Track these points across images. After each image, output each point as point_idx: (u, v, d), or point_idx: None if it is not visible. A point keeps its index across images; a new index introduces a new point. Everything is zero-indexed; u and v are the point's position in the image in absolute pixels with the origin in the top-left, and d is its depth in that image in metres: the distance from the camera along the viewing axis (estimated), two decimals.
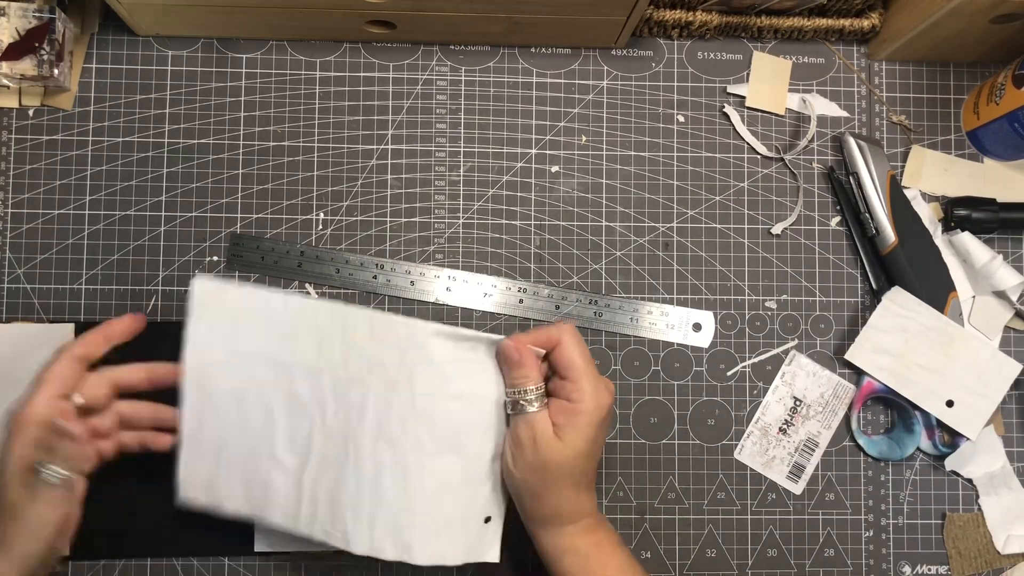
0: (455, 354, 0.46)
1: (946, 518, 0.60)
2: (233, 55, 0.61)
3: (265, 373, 0.47)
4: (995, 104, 0.59)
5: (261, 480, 0.48)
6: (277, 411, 0.47)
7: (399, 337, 0.46)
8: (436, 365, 0.46)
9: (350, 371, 0.46)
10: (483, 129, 0.62)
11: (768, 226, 0.62)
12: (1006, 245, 0.63)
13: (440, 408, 0.46)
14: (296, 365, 0.47)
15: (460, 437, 0.47)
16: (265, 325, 0.47)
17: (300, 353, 0.47)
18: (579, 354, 0.46)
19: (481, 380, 0.46)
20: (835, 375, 0.61)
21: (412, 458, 0.47)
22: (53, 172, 0.59)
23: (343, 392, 0.47)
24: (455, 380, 0.46)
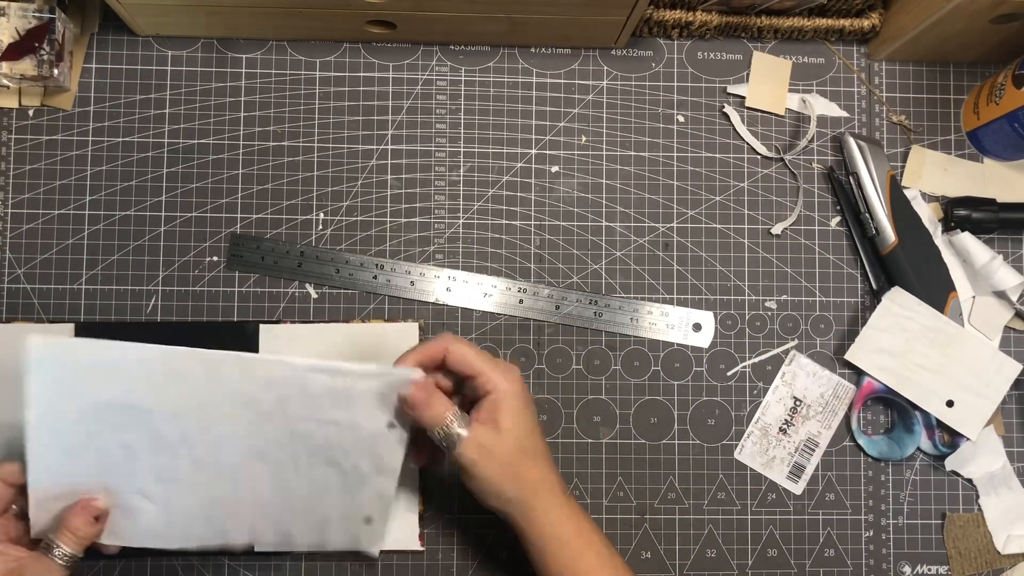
0: (331, 387, 0.47)
1: (946, 518, 0.60)
2: (233, 55, 0.61)
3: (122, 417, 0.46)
4: (995, 104, 0.59)
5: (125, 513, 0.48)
6: (139, 449, 0.47)
7: (273, 376, 0.46)
8: (311, 396, 0.47)
9: (219, 409, 0.47)
10: (483, 129, 0.62)
11: (768, 226, 0.62)
12: (1006, 245, 0.63)
13: (316, 430, 0.48)
14: (156, 409, 0.46)
15: (335, 453, 0.48)
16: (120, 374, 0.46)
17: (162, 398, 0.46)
18: (469, 350, 0.48)
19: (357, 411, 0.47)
20: (835, 375, 0.61)
21: (290, 470, 0.49)
22: (53, 172, 0.59)
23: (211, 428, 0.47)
24: (331, 409, 0.47)
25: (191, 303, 0.59)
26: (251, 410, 0.47)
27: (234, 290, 0.59)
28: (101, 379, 0.46)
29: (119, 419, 0.46)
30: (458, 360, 0.47)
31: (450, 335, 0.48)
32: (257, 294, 0.59)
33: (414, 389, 0.47)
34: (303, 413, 0.47)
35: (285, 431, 0.48)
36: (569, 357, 0.60)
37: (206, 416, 0.47)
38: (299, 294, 0.59)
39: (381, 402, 0.47)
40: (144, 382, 0.46)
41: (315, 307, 0.59)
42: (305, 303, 0.59)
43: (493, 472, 0.47)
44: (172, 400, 0.46)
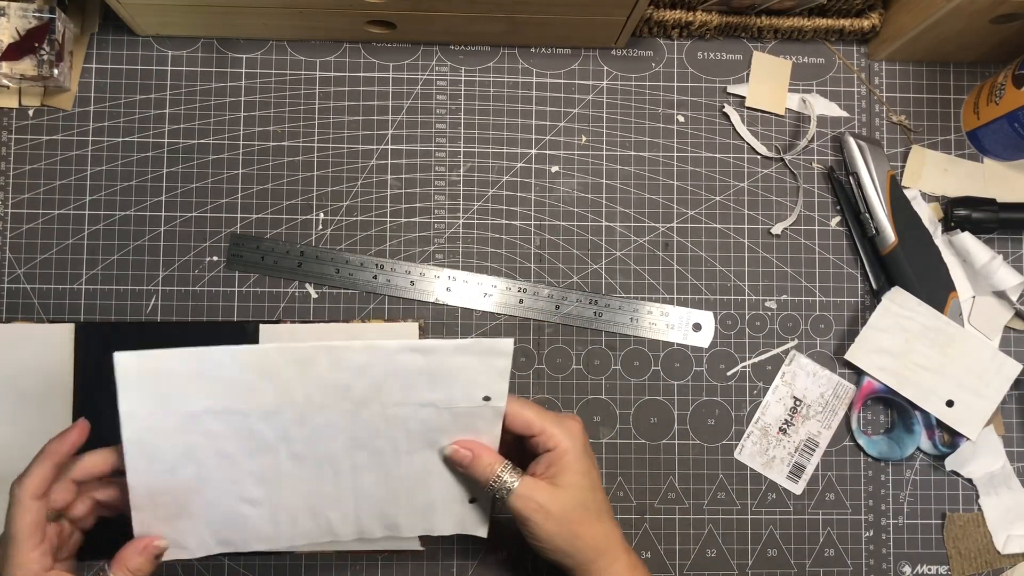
0: (424, 366, 0.46)
1: (946, 518, 0.60)
2: (233, 55, 0.61)
3: (219, 426, 0.45)
4: (995, 104, 0.59)
5: (231, 521, 0.48)
6: (237, 455, 0.46)
7: (363, 361, 0.45)
8: (405, 377, 0.46)
9: (313, 401, 0.46)
10: (483, 129, 0.62)
11: (768, 226, 0.62)
12: (1006, 245, 0.63)
13: (412, 414, 0.47)
14: (250, 410, 0.45)
15: (435, 435, 0.48)
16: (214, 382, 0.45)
17: (256, 399, 0.45)
18: (528, 409, 0.47)
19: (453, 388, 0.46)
20: (835, 375, 0.61)
21: (390, 457, 0.48)
22: (53, 172, 0.59)
23: (308, 419, 0.46)
24: (426, 389, 0.46)
25: (191, 303, 0.59)
26: (345, 399, 0.46)
27: (234, 290, 0.59)
28: (191, 388, 0.44)
29: (214, 426, 0.45)
30: (518, 419, 0.47)
31: (511, 396, 0.47)
32: (257, 294, 0.59)
33: (457, 447, 0.47)
34: (398, 397, 0.46)
35: (382, 417, 0.47)
36: (569, 357, 0.60)
37: (301, 410, 0.46)
38: (299, 294, 0.59)
39: (475, 376, 0.46)
40: (235, 385, 0.45)
41: (315, 307, 0.59)
42: (305, 303, 0.59)
43: (550, 530, 0.46)
44: (266, 398, 0.45)
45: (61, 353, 0.57)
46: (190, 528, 0.47)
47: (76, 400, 0.57)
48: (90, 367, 0.57)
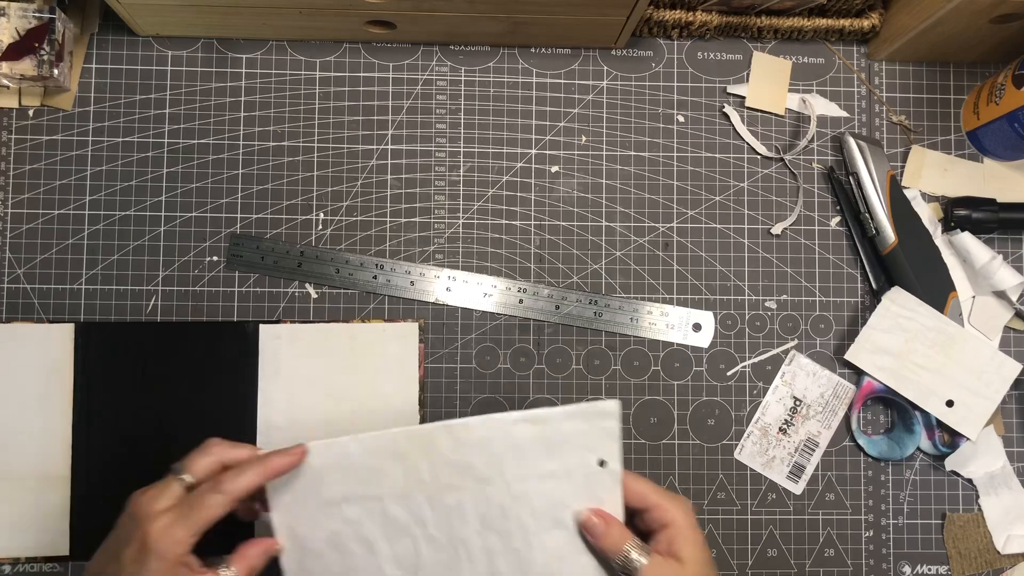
0: (537, 436, 0.47)
1: (946, 518, 0.60)
2: (233, 55, 0.61)
3: (355, 512, 0.48)
4: (995, 104, 0.59)
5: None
6: (377, 540, 0.48)
7: (481, 437, 0.47)
8: (522, 449, 0.47)
9: (441, 481, 0.47)
10: (483, 129, 0.62)
11: (768, 226, 0.62)
12: (1006, 245, 0.63)
13: (535, 489, 0.47)
14: (385, 495, 0.48)
15: (560, 511, 0.48)
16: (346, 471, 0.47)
17: (388, 483, 0.47)
18: (642, 483, 0.47)
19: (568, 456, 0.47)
20: (835, 375, 0.61)
21: (519, 539, 0.48)
22: (53, 172, 0.59)
23: (439, 501, 0.48)
24: (543, 460, 0.47)
25: (191, 303, 0.59)
26: (470, 477, 0.47)
27: (234, 290, 0.59)
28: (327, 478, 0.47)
29: (352, 512, 0.48)
30: (633, 494, 0.47)
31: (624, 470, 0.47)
32: (257, 294, 0.59)
33: (592, 515, 0.47)
34: (518, 471, 0.47)
35: (507, 495, 0.47)
36: (569, 357, 0.60)
37: (430, 491, 0.47)
38: (299, 294, 0.59)
39: (586, 440, 0.47)
40: (365, 470, 0.47)
41: (315, 307, 0.59)
42: (305, 303, 0.59)
43: None
44: (396, 481, 0.47)
45: (61, 353, 0.57)
46: None
47: (76, 400, 0.57)
48: (90, 367, 0.57)
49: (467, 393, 0.60)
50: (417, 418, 0.59)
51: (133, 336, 0.58)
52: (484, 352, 0.60)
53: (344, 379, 0.58)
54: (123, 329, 0.58)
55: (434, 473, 0.47)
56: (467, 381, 0.60)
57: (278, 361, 0.58)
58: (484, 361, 0.60)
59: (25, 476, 0.56)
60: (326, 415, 0.58)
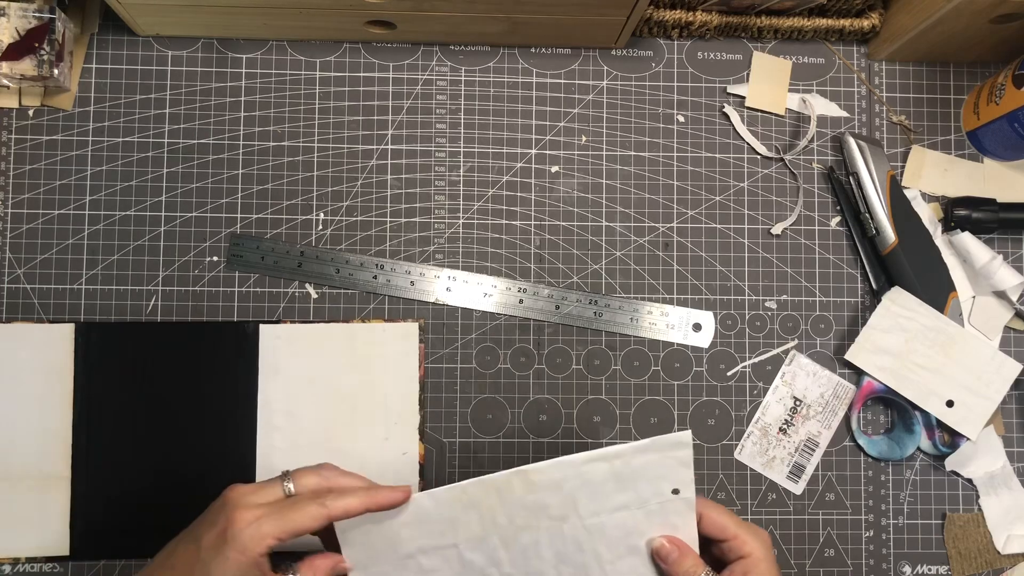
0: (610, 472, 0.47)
1: (946, 518, 0.60)
2: (233, 55, 0.61)
3: (431, 562, 0.48)
4: (995, 104, 0.59)
5: None
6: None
7: (554, 479, 0.47)
8: (595, 486, 0.47)
9: (516, 523, 0.48)
10: (483, 129, 0.62)
11: (768, 226, 0.62)
12: (1006, 245, 0.63)
13: (609, 522, 0.48)
14: (461, 542, 0.48)
15: (634, 539, 0.48)
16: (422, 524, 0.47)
17: (464, 531, 0.48)
18: (723, 514, 0.47)
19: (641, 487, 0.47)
20: (835, 375, 0.61)
21: (595, 569, 0.48)
22: (53, 172, 0.59)
23: (514, 541, 0.48)
24: (616, 494, 0.47)
25: (191, 303, 0.59)
26: (545, 516, 0.47)
27: (234, 290, 0.59)
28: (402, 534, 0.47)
29: (428, 562, 0.48)
30: (713, 524, 0.47)
31: (703, 500, 0.47)
32: (257, 294, 0.59)
33: (665, 542, 0.47)
34: (592, 507, 0.47)
35: (582, 529, 0.48)
36: (569, 357, 0.60)
37: (505, 533, 0.48)
38: (299, 294, 0.59)
39: (659, 471, 0.47)
40: (441, 522, 0.47)
41: (315, 307, 0.59)
42: (305, 303, 0.59)
43: None
44: (472, 529, 0.47)
45: (61, 353, 0.57)
46: None
47: (76, 400, 0.57)
48: (90, 367, 0.57)
49: (467, 393, 0.60)
50: (417, 418, 0.59)
51: (133, 336, 0.58)
52: (484, 352, 0.60)
53: (344, 379, 0.58)
54: (123, 329, 0.58)
55: (509, 516, 0.47)
56: (467, 381, 0.60)
57: (278, 361, 0.58)
58: (484, 361, 0.60)
59: (25, 476, 0.56)
60: (326, 415, 0.58)
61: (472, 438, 0.60)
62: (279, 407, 0.58)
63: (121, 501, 0.57)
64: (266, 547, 0.42)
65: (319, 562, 0.46)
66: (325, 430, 0.58)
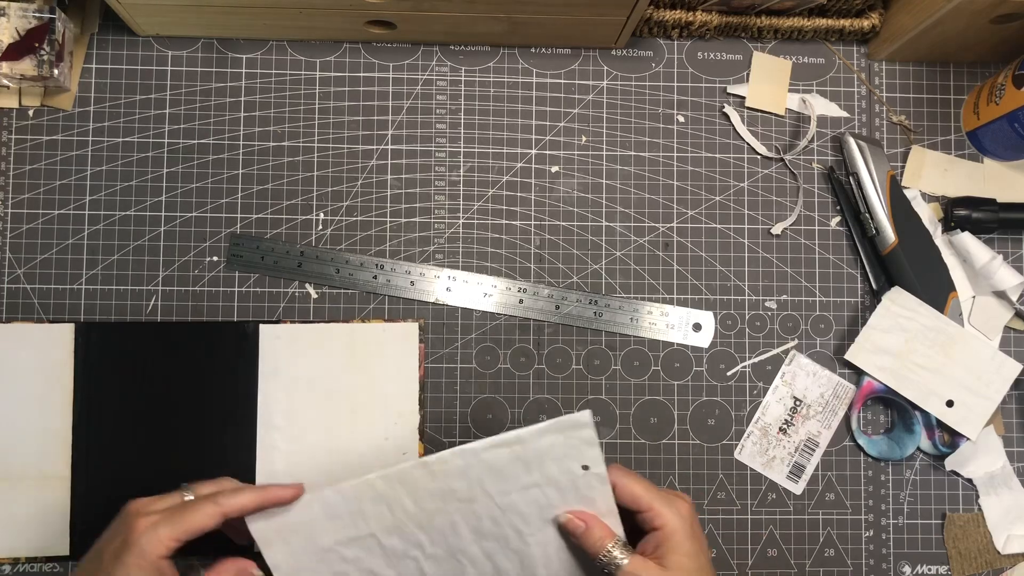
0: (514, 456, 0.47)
1: (946, 518, 0.60)
2: (233, 55, 0.61)
3: (352, 552, 0.49)
4: (995, 104, 0.59)
5: None
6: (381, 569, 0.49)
7: (457, 467, 0.47)
8: (499, 471, 0.48)
9: (426, 509, 0.48)
10: (483, 129, 0.62)
11: (768, 226, 0.62)
12: (1006, 245, 0.63)
13: (520, 499, 0.48)
14: (377, 531, 0.49)
15: (548, 512, 0.48)
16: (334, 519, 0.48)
17: (376, 521, 0.48)
18: (636, 483, 0.47)
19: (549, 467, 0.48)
20: (835, 375, 0.61)
21: (516, 540, 0.49)
22: (53, 172, 0.59)
23: (429, 524, 0.49)
24: (523, 476, 0.48)
25: (191, 303, 0.59)
26: (453, 499, 0.48)
27: (234, 290, 0.59)
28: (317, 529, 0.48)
29: (349, 552, 0.49)
30: (625, 494, 0.47)
31: (618, 467, 0.47)
32: (257, 294, 0.59)
33: (572, 517, 0.47)
34: (501, 487, 0.48)
35: (495, 506, 0.48)
36: (569, 357, 0.60)
37: (419, 519, 0.48)
38: (299, 294, 0.59)
39: (565, 451, 0.47)
40: (352, 516, 0.48)
41: (315, 307, 0.59)
42: (305, 303, 0.59)
43: None
44: (385, 519, 0.48)
45: (61, 353, 0.57)
46: None
47: (76, 400, 0.57)
48: (90, 367, 0.57)
49: (467, 393, 0.60)
50: (417, 418, 0.59)
51: (133, 336, 0.58)
52: (484, 352, 0.60)
53: (344, 379, 0.58)
54: (123, 329, 0.58)
55: (418, 504, 0.48)
56: (467, 381, 0.60)
57: (278, 361, 0.58)
58: (484, 361, 0.60)
59: (25, 476, 0.56)
60: (326, 415, 0.58)
61: (472, 438, 0.60)
62: (279, 407, 0.58)
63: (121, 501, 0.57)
64: (165, 549, 0.43)
65: (228, 565, 0.47)
66: (325, 430, 0.58)
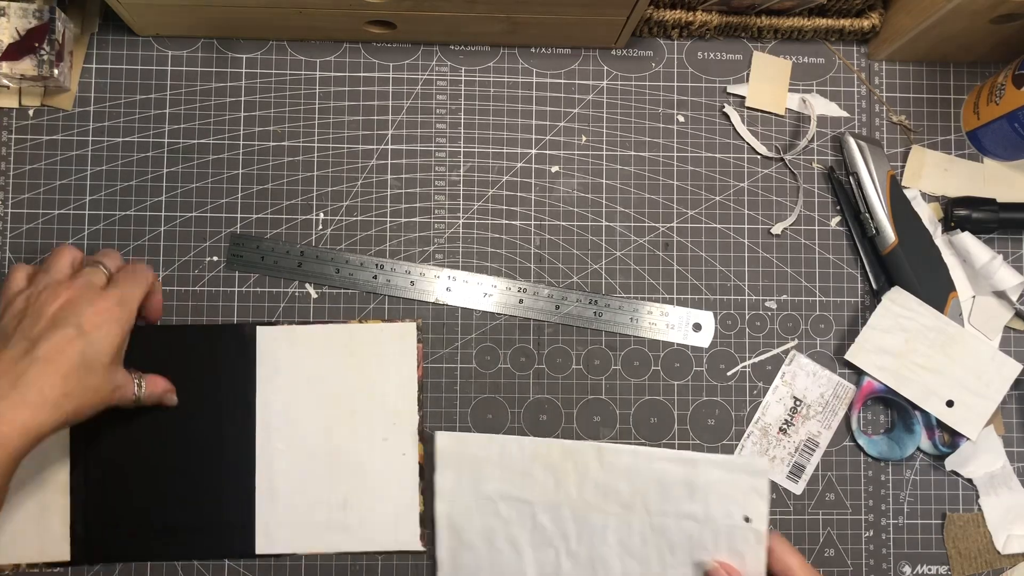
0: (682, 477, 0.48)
1: (946, 518, 0.60)
2: (233, 55, 0.61)
3: (509, 511, 0.49)
4: (995, 104, 0.59)
5: None
6: (523, 544, 0.49)
7: (628, 465, 0.48)
8: (666, 486, 0.48)
9: (586, 499, 0.49)
10: (483, 129, 0.62)
11: (768, 226, 0.62)
12: (1006, 245, 0.63)
13: (675, 525, 0.48)
14: (536, 501, 0.49)
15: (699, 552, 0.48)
16: (505, 469, 0.49)
17: (539, 490, 0.49)
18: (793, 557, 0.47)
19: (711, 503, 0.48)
20: (835, 375, 0.61)
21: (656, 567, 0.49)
22: (53, 172, 0.59)
23: (583, 519, 0.49)
24: (686, 501, 0.48)
25: (191, 303, 0.59)
26: (615, 501, 0.48)
27: (234, 290, 0.59)
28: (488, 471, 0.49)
29: (504, 511, 0.49)
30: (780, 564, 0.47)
31: (779, 536, 0.47)
32: (257, 294, 0.59)
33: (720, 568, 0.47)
34: (660, 506, 0.48)
35: (648, 525, 0.48)
36: (569, 357, 0.60)
37: (577, 507, 0.49)
38: (299, 294, 0.59)
39: (732, 492, 0.47)
40: (522, 473, 0.49)
41: (315, 307, 0.59)
42: (305, 303, 0.59)
43: None
44: (549, 493, 0.49)
45: None
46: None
47: None
48: None
49: (467, 393, 0.60)
50: (416, 418, 0.59)
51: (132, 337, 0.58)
52: (484, 352, 0.60)
53: (343, 380, 0.58)
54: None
55: (581, 490, 0.48)
56: (467, 381, 0.60)
57: (277, 362, 0.58)
58: (484, 361, 0.60)
59: (24, 482, 0.56)
60: (325, 416, 0.58)
61: None
62: (278, 408, 0.58)
63: (120, 505, 0.57)
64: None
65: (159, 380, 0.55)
66: (324, 431, 0.58)
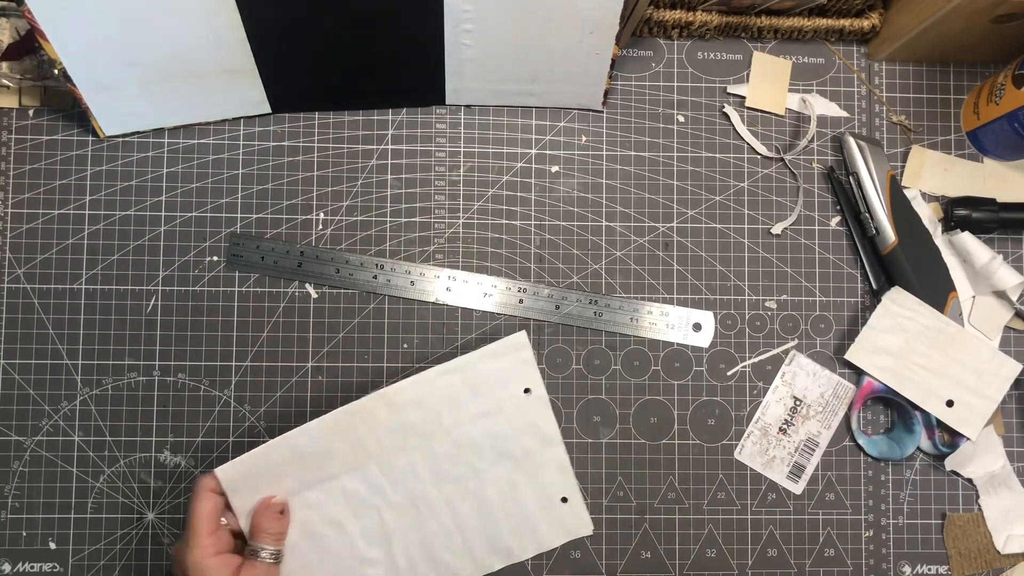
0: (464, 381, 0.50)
1: (946, 518, 0.60)
2: None
3: (317, 495, 0.50)
4: (995, 104, 0.59)
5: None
6: (343, 518, 0.50)
7: (415, 394, 0.49)
8: (453, 398, 0.50)
9: (386, 446, 0.50)
10: (483, 129, 0.62)
11: (768, 226, 0.62)
12: (1006, 245, 0.63)
13: (474, 431, 0.50)
14: (339, 473, 0.50)
15: (502, 443, 0.51)
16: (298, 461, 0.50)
17: (339, 460, 0.50)
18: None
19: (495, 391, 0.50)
20: (835, 375, 0.61)
21: (472, 481, 0.51)
22: (53, 172, 0.59)
23: (390, 466, 0.50)
24: (473, 402, 0.50)
25: (191, 303, 0.59)
26: (412, 435, 0.50)
27: (234, 290, 0.59)
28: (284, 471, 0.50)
29: (312, 496, 0.50)
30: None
31: None
32: (257, 294, 0.59)
33: None
34: (456, 417, 0.50)
35: (450, 444, 0.50)
36: (569, 357, 0.60)
37: (379, 460, 0.50)
38: (299, 294, 0.59)
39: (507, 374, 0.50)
40: (317, 456, 0.50)
41: (315, 307, 0.59)
42: (305, 303, 0.59)
43: None
44: (346, 458, 0.50)
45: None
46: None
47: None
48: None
49: None
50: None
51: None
52: None
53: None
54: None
55: (378, 441, 0.50)
56: None
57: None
58: None
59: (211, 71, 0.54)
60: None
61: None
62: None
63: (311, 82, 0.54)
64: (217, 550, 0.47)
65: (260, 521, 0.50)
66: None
